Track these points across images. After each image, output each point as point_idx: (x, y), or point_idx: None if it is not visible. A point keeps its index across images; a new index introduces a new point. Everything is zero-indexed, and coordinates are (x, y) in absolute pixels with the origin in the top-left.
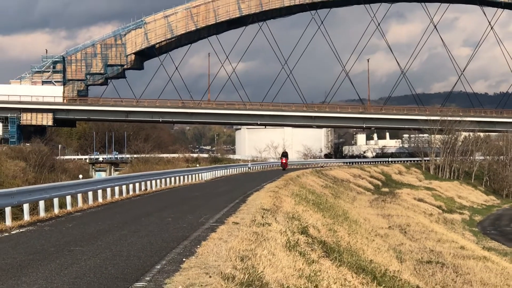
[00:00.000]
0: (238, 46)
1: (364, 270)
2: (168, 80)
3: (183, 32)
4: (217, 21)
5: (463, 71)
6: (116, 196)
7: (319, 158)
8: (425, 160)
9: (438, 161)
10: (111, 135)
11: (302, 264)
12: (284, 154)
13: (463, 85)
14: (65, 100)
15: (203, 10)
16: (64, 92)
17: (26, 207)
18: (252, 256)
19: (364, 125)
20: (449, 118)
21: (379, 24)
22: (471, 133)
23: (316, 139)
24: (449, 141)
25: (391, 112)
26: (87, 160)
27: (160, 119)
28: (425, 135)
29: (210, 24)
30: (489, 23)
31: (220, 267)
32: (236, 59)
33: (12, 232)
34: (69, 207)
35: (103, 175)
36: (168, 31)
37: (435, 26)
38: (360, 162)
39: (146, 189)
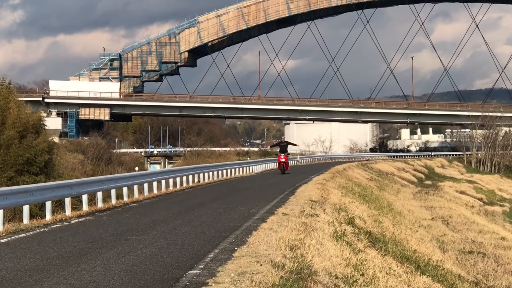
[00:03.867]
0: (287, 44)
1: (408, 260)
2: (220, 77)
3: (234, 30)
4: (267, 20)
5: (504, 68)
6: (171, 188)
7: (365, 152)
8: (466, 154)
9: (479, 155)
10: (165, 129)
11: (349, 254)
12: (283, 147)
13: (504, 82)
14: (121, 96)
15: (253, 9)
16: (120, 88)
17: (85, 197)
18: (301, 246)
19: (408, 121)
20: (490, 114)
21: (423, 23)
22: (511, 128)
23: (362, 134)
24: (490, 136)
25: (434, 108)
26: (143, 153)
27: (212, 114)
28: (467, 130)
29: (260, 23)
30: None
31: (270, 256)
32: (286, 56)
33: (71, 222)
34: (125, 198)
35: (157, 167)
36: (220, 30)
37: (477, 25)
38: (404, 156)
39: (199, 181)
